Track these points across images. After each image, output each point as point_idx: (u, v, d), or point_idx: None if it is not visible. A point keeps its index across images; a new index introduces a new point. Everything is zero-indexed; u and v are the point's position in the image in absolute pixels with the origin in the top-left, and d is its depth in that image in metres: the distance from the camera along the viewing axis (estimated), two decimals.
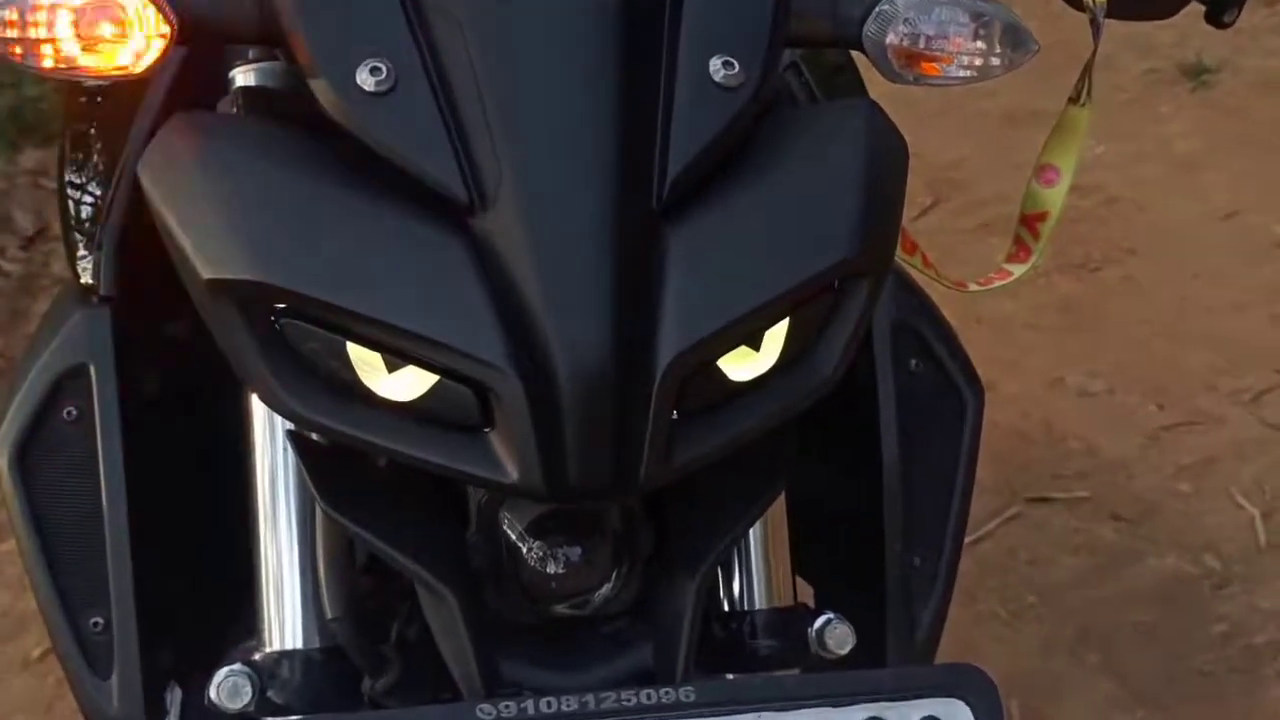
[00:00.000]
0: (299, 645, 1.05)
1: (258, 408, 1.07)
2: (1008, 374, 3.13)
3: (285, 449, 1.06)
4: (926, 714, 0.91)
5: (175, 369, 1.19)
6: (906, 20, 1.01)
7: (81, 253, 1.19)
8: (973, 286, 1.30)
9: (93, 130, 1.32)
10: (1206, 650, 2.33)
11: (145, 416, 1.14)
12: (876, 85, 1.17)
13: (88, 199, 1.26)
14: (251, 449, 1.08)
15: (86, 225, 1.22)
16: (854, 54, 1.07)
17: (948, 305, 1.32)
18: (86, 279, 1.17)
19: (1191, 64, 4.52)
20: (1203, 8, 1.30)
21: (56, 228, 4.73)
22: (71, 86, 1.33)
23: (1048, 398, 3.09)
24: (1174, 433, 2.92)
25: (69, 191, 1.29)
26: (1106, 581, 2.53)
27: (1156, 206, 3.85)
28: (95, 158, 1.29)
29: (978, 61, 1.03)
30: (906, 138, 1.00)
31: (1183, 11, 1.32)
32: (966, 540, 1.27)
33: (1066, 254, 3.57)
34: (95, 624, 1.11)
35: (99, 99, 1.31)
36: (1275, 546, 2.54)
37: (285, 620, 1.06)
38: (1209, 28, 1.30)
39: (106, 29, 0.91)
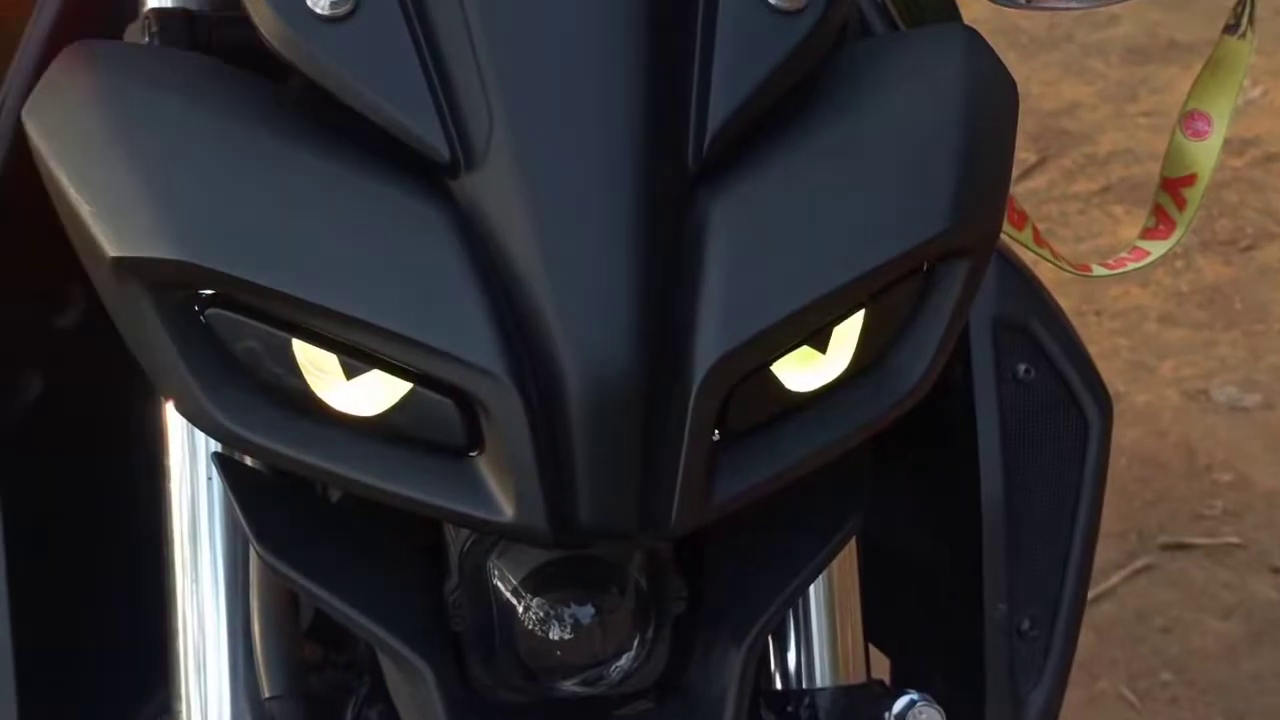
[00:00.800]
0: None
1: (175, 422, 1.07)
2: (1137, 382, 3.14)
3: (211, 476, 1.06)
4: None
5: (66, 372, 1.20)
6: None
7: None
8: (1098, 270, 1.30)
9: None
10: None
11: (25, 436, 1.15)
12: (969, 8, 1.18)
13: None
14: (166, 475, 1.08)
15: None
16: None
17: (1059, 293, 1.33)
18: None
19: None
20: None
21: None
22: None
23: (1188, 413, 3.10)
24: None
25: None
26: (1264, 653, 2.54)
27: None
28: None
29: None
30: None
31: None
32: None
33: (1212, 228, 3.57)
34: None
35: None
36: None
37: (209, 699, 1.06)
38: None
39: None
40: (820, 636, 1.13)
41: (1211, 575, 2.70)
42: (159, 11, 1.07)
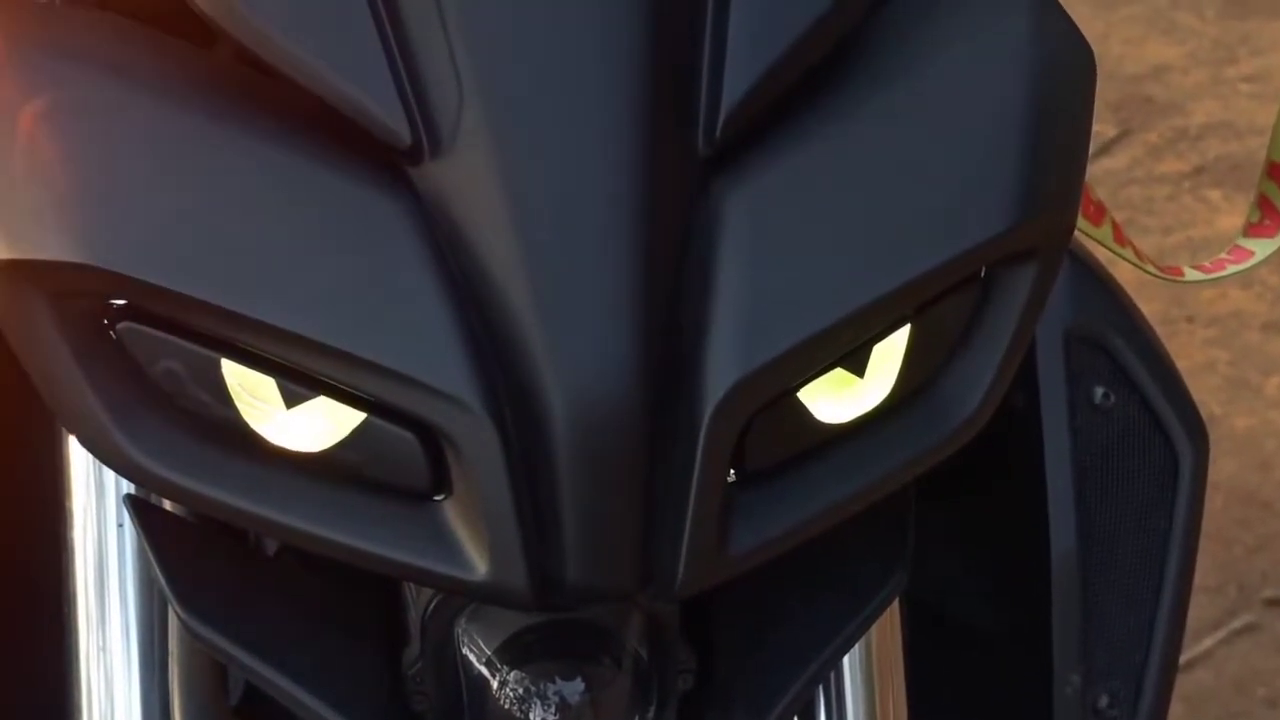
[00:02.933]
0: None
1: (79, 457, 1.08)
2: (1236, 403, 3.15)
3: (122, 522, 1.07)
4: None
5: None
6: None
7: None
8: (1191, 274, 1.31)
9: None
10: None
11: None
12: None
13: None
14: (69, 521, 1.09)
15: None
16: None
17: (1142, 296, 1.33)
18: None
19: None
20: None
21: None
22: None
23: None
24: None
25: None
26: None
27: None
28: None
29: None
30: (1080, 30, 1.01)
31: None
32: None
33: None
34: None
35: None
36: None
37: None
38: None
39: None
40: (857, 712, 1.13)
41: None
42: None
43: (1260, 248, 1.31)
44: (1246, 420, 3.12)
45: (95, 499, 1.08)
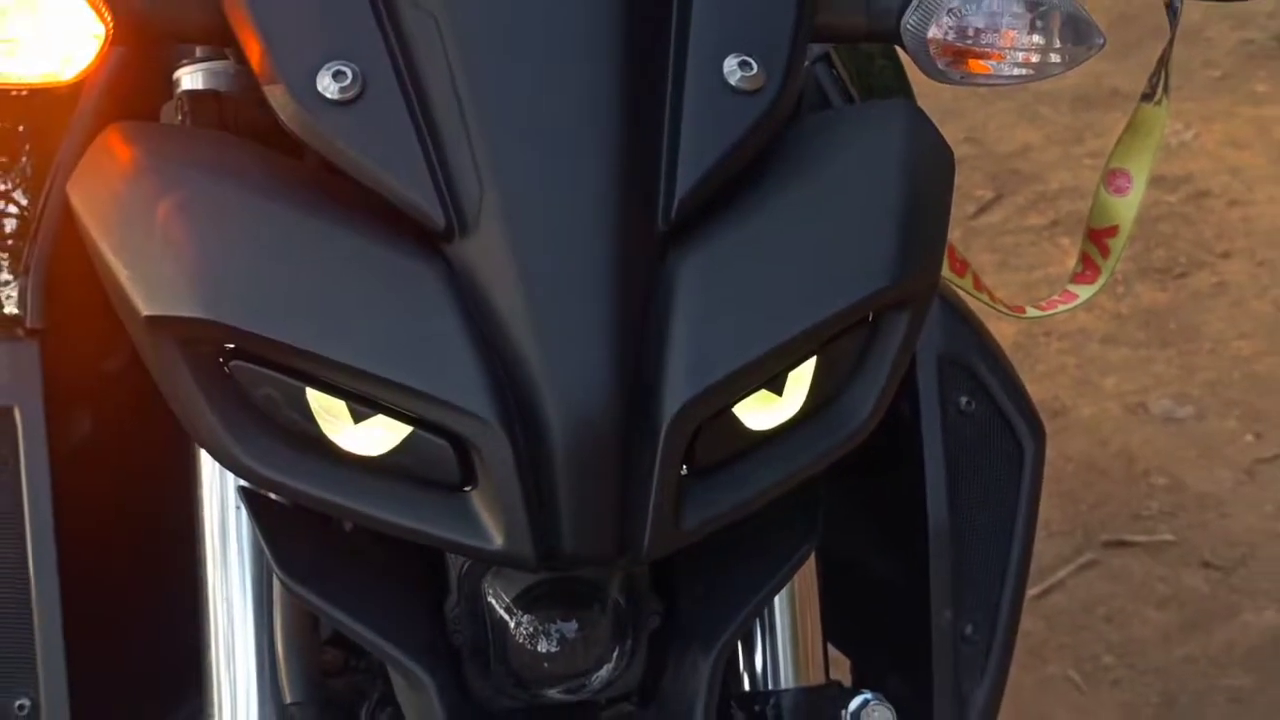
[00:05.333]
0: None
1: (206, 460, 1.07)
2: (1082, 396, 3.13)
3: (237, 508, 1.06)
4: None
5: (112, 412, 1.20)
6: (951, 11, 1.01)
7: (5, 277, 1.20)
8: (1031, 311, 1.30)
9: (19, 131, 1.32)
10: None
11: (78, 467, 1.15)
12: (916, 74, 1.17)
13: (11, 214, 1.26)
14: (199, 506, 1.08)
15: (11, 244, 1.23)
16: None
17: (1011, 318, 1.32)
18: (11, 309, 1.17)
19: None
20: None
21: None
22: None
23: (1128, 424, 3.09)
24: (1273, 465, 2.92)
25: None
26: (1196, 639, 2.53)
27: (1253, 201, 3.85)
28: (22, 164, 1.29)
29: (1034, 58, 1.03)
30: (963, 122, 1.01)
31: None
32: (1033, 592, 1.28)
33: (1149, 257, 3.57)
34: (20, 707, 1.11)
35: (27, 98, 1.31)
36: None
37: (238, 704, 1.06)
38: None
39: (33, 30, 0.91)
40: (784, 643, 1.13)
41: (1149, 569, 2.70)
42: (190, 94, 1.08)
43: (1083, 292, 1.31)
44: (1090, 409, 3.11)
45: (218, 492, 1.07)
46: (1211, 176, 3.92)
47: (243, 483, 1.03)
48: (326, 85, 0.89)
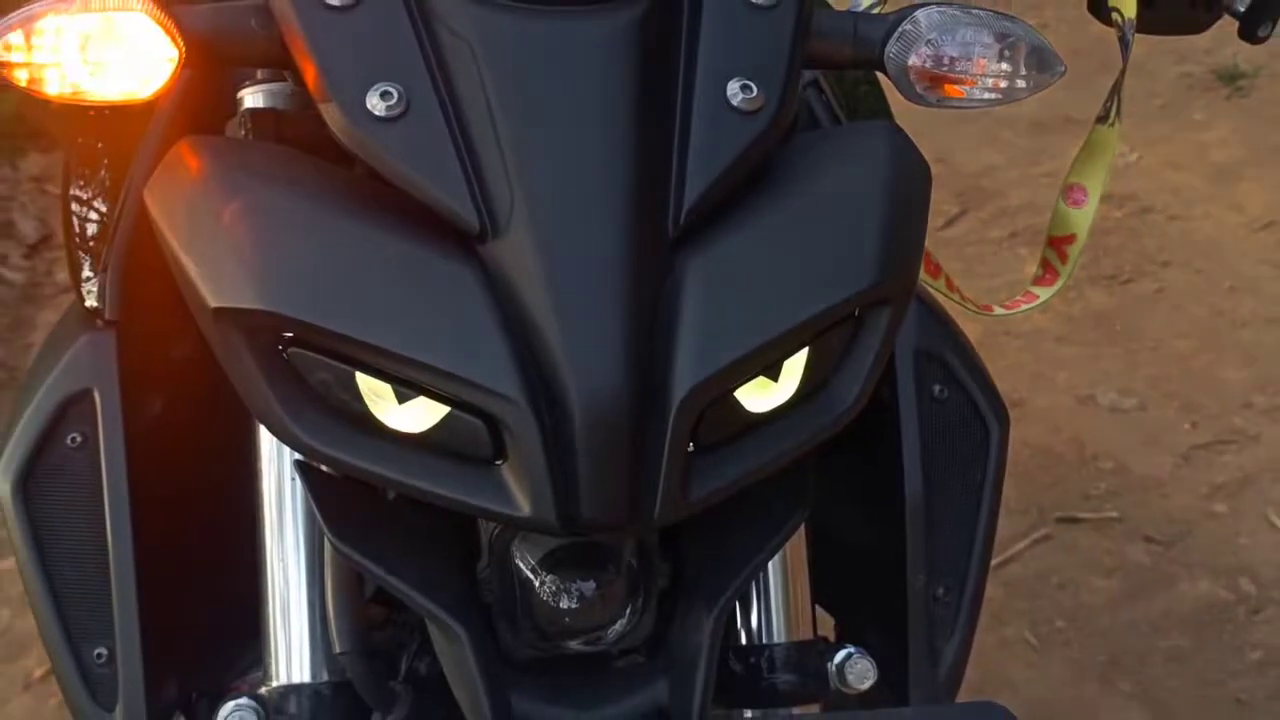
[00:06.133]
0: (306, 679, 1.05)
1: (265, 437, 1.08)
2: (1037, 389, 3.13)
3: (293, 478, 1.06)
4: None
5: (181, 394, 1.20)
6: (929, 41, 1.01)
7: (87, 274, 1.20)
8: (998, 310, 1.30)
9: (99, 146, 1.32)
10: (1242, 677, 2.33)
11: (150, 443, 1.15)
12: (898, 95, 1.18)
13: (93, 218, 1.26)
14: (259, 477, 1.09)
15: (91, 245, 1.23)
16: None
17: (975, 319, 1.32)
18: (92, 301, 1.17)
19: (1228, 69, 4.52)
20: (1236, 23, 1.30)
21: (61, 235, 4.76)
22: None
23: (1078, 414, 3.09)
24: (1208, 451, 2.92)
25: (74, 208, 1.29)
26: (1138, 606, 2.53)
27: (1191, 216, 3.84)
28: (101, 174, 1.30)
29: (1002, 84, 1.03)
30: (933, 144, 1.01)
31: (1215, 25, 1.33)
32: (993, 562, 1.27)
33: (1098, 266, 3.57)
34: (99, 655, 1.12)
35: (105, 112, 1.32)
36: None
37: (292, 653, 1.06)
38: None
39: (114, 54, 0.91)
40: (777, 603, 1.13)
41: (1096, 543, 2.70)
42: (252, 112, 1.08)
43: (1043, 293, 1.30)
44: (1045, 401, 3.10)
45: (276, 464, 1.08)
46: (1154, 195, 3.92)
47: (298, 456, 1.02)
48: (375, 104, 0.89)
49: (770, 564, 1.11)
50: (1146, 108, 4.21)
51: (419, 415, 0.88)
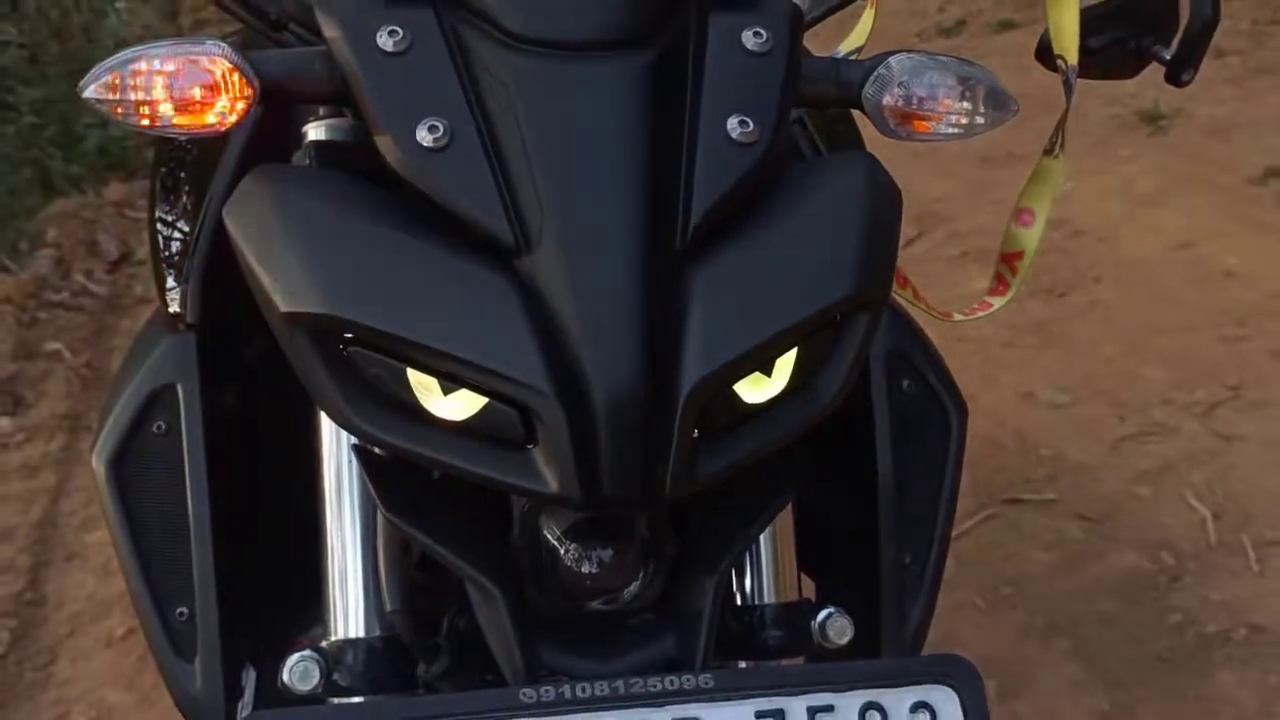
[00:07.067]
0: (361, 634, 1.05)
1: (326, 424, 1.07)
2: (985, 388, 3.13)
3: (350, 461, 1.06)
4: (917, 699, 0.91)
5: (252, 388, 1.20)
6: (901, 83, 1.01)
7: (170, 284, 1.20)
8: (957, 317, 1.30)
9: (181, 174, 1.32)
10: (1163, 638, 2.32)
11: (225, 431, 1.15)
12: (870, 131, 1.18)
13: (176, 236, 1.26)
14: (320, 460, 1.08)
15: (175, 259, 1.23)
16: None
17: (934, 325, 1.33)
18: (174, 308, 1.17)
19: (1149, 111, 4.54)
20: (1162, 69, 1.30)
21: (139, 253, 4.77)
22: None
23: (1020, 409, 3.09)
24: (1133, 441, 2.92)
25: (159, 228, 1.29)
26: (1073, 575, 2.53)
27: (1118, 238, 3.85)
28: (183, 199, 1.30)
29: (963, 120, 1.04)
30: (895, 174, 1.00)
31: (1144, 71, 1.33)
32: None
33: (1038, 281, 3.57)
34: (180, 614, 1.12)
35: (187, 143, 1.32)
36: (1224, 544, 2.54)
37: (349, 611, 1.06)
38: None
39: (197, 92, 0.92)
40: (767, 569, 1.12)
41: (1036, 521, 2.70)
42: (316, 143, 1.08)
43: (996, 302, 1.30)
44: (992, 397, 3.11)
45: (336, 449, 1.07)
46: (1086, 219, 3.92)
47: (355, 441, 1.02)
48: (423, 136, 0.89)
49: (762, 535, 1.11)
50: (1079, 144, 4.21)
51: (461, 405, 0.88)
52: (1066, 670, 2.28)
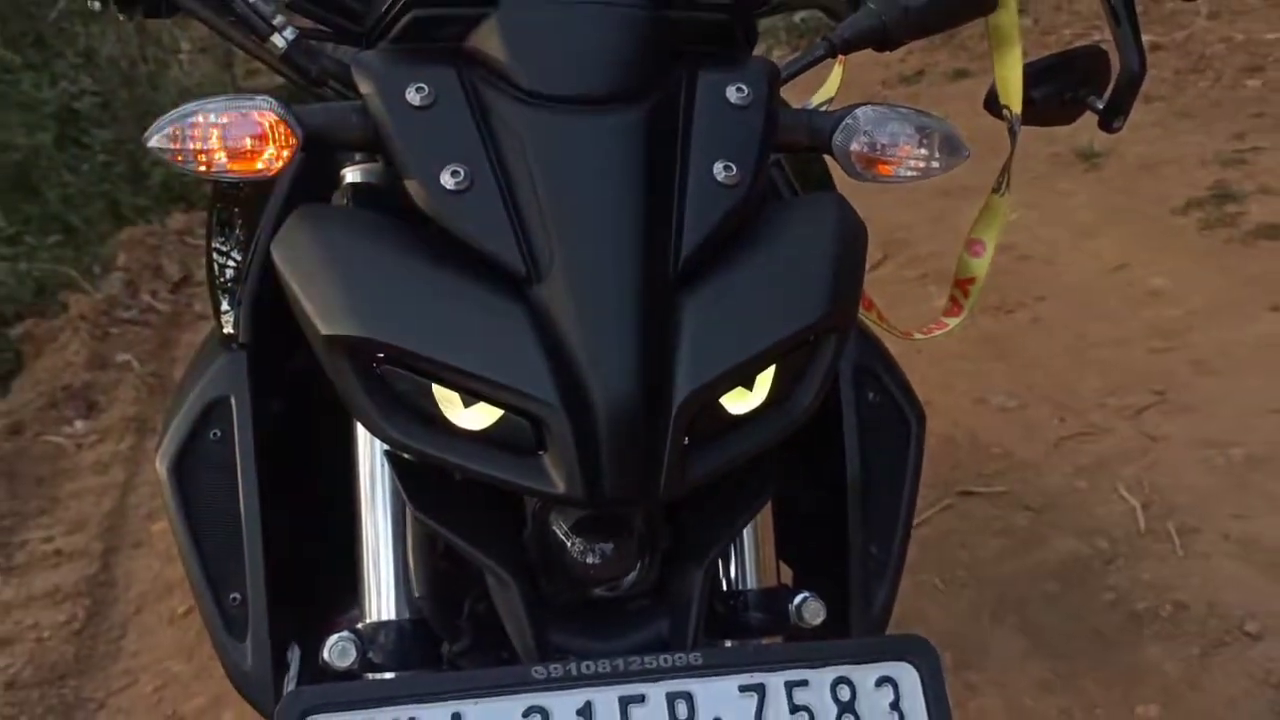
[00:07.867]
0: (393, 617, 1.05)
1: (362, 432, 1.07)
2: (942, 394, 3.13)
3: (383, 464, 1.06)
4: (882, 674, 0.91)
5: (296, 400, 1.20)
6: (866, 132, 1.02)
7: (225, 308, 1.20)
8: (917, 335, 1.30)
9: (234, 210, 1.32)
10: (1099, 614, 2.32)
11: (273, 438, 1.15)
12: (840, 172, 1.18)
13: (230, 265, 1.26)
14: (356, 463, 1.08)
15: (229, 286, 1.23)
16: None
17: (896, 342, 1.33)
18: (228, 329, 1.17)
19: (1086, 150, 4.54)
20: (1096, 116, 1.31)
21: (199, 276, 4.77)
22: None
23: (973, 413, 3.09)
24: (1073, 440, 2.92)
25: (215, 258, 1.29)
26: (1020, 559, 2.53)
27: (1059, 262, 3.86)
28: (236, 233, 1.30)
29: (921, 164, 1.04)
30: (861, 206, 1.00)
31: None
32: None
33: (988, 299, 3.58)
34: (234, 599, 1.11)
35: (239, 185, 1.32)
36: (1152, 531, 2.53)
37: (382, 597, 1.06)
38: None
39: (247, 142, 0.92)
40: (749, 558, 1.12)
41: (988, 511, 2.70)
42: (353, 185, 1.08)
43: (951, 322, 1.31)
44: (947, 402, 3.11)
45: (370, 454, 1.07)
46: (1031, 245, 3.93)
47: (387, 448, 1.02)
48: (447, 180, 0.89)
49: (745, 529, 1.11)
50: (1023, 178, 4.20)
51: (480, 417, 0.88)
52: (1015, 643, 2.28)
